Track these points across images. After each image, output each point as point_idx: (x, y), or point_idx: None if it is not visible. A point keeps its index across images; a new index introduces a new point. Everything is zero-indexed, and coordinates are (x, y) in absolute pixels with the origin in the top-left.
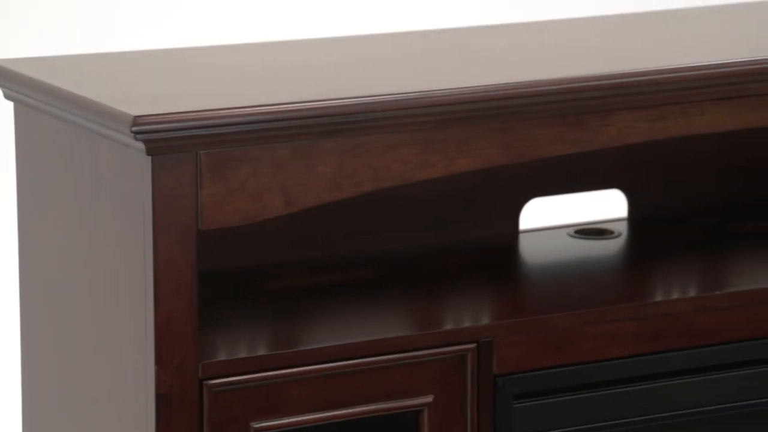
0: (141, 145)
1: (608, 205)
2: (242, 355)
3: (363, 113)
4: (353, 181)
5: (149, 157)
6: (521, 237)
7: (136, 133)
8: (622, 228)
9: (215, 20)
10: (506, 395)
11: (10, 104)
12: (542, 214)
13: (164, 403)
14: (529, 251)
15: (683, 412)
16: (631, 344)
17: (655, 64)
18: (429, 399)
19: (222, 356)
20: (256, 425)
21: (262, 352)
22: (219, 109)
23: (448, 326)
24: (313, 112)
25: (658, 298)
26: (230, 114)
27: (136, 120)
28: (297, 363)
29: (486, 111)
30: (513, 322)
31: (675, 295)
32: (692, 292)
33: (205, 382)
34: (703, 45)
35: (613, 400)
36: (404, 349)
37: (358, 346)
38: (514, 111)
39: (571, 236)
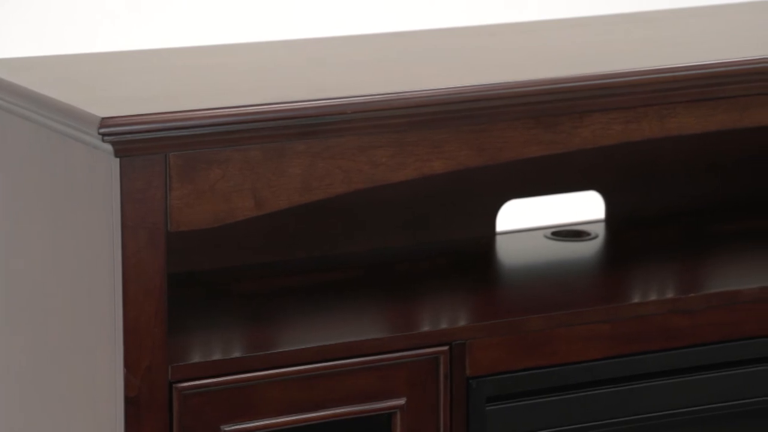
0: (109, 147)
1: (586, 206)
2: (213, 357)
3: (334, 115)
4: (324, 183)
5: (117, 159)
6: (498, 239)
7: (104, 134)
8: (599, 229)
9: (188, 22)
10: (479, 397)
11: None
12: (519, 215)
13: (133, 406)
14: (506, 253)
15: (658, 414)
16: (605, 346)
17: (629, 66)
18: (402, 401)
19: (193, 359)
20: (227, 428)
21: (233, 354)
22: (188, 110)
23: (422, 328)
24: (284, 114)
25: (633, 299)
26: (199, 116)
27: (104, 122)
28: (269, 365)
29: (459, 113)
30: (486, 324)
31: (650, 297)
32: (667, 294)
33: (174, 385)
34: (677, 47)
35: (587, 402)
36: (377, 351)
37: (331, 348)
38: (487, 113)
39: (548, 238)
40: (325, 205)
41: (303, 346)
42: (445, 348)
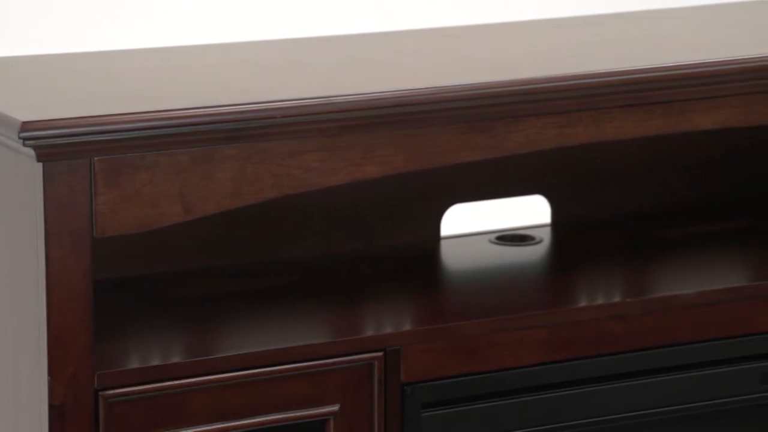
0: (31, 152)
1: (533, 211)
2: (141, 364)
3: (262, 119)
4: (254, 187)
5: (41, 164)
6: (443, 243)
7: (25, 139)
8: (545, 234)
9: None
10: (414, 404)
11: None
12: (465, 220)
13: (57, 414)
14: (450, 258)
15: (594, 419)
16: (541, 352)
17: (564, 70)
18: (335, 408)
19: (120, 366)
20: None
21: (162, 361)
22: (112, 114)
23: (357, 334)
24: (211, 118)
25: (571, 305)
26: (124, 120)
27: (25, 126)
28: (198, 372)
29: (390, 117)
30: (421, 330)
31: (587, 302)
32: (605, 299)
33: (100, 393)
34: (612, 51)
35: (523, 408)
36: (310, 357)
37: (262, 354)
38: (419, 117)
39: (493, 242)
40: (267, 210)
41: (233, 353)
42: (380, 354)
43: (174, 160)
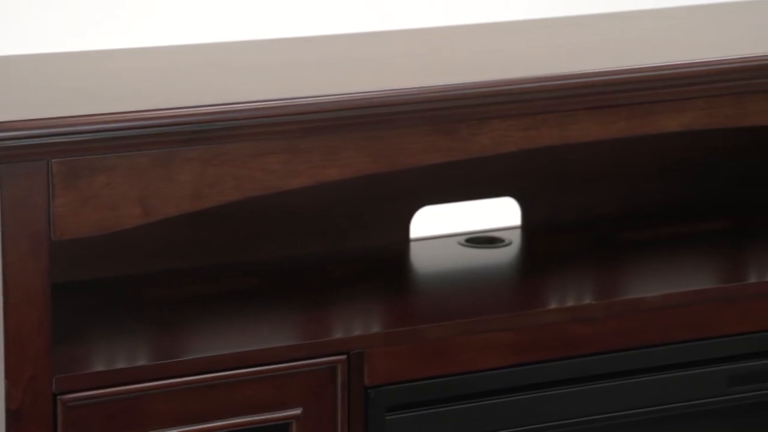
0: None
1: (503, 213)
2: (102, 368)
3: (222, 121)
4: (215, 190)
5: None
6: (412, 245)
7: None
8: (515, 236)
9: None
10: (378, 407)
11: None
12: (435, 222)
13: (14, 419)
14: (419, 260)
15: (560, 422)
16: (506, 354)
17: (527, 72)
18: (298, 411)
19: (80, 369)
20: None
21: (123, 364)
22: (70, 116)
23: (322, 337)
24: (170, 120)
25: (537, 307)
26: (82, 121)
27: None
28: (158, 376)
29: (352, 119)
30: (385, 333)
31: (554, 305)
32: (572, 302)
33: (59, 397)
34: (576, 53)
35: (487, 411)
36: (272, 361)
37: (223, 358)
38: (382, 120)
39: (462, 245)
40: (234, 211)
41: (194, 357)
42: (343, 357)
43: (133, 162)
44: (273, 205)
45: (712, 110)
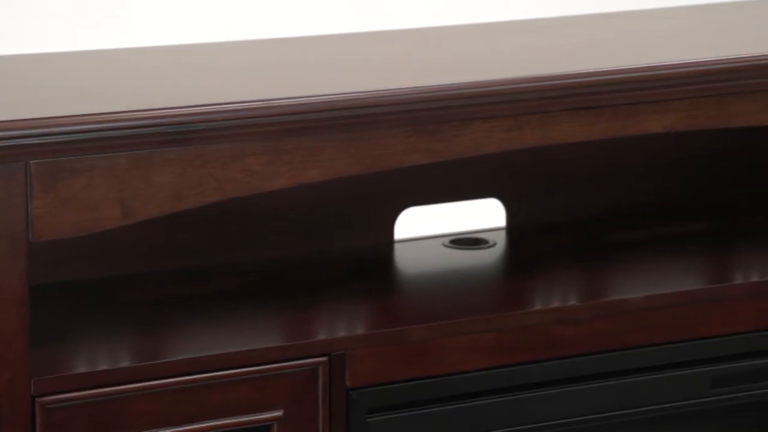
0: None
1: (488, 214)
2: (82, 370)
3: (203, 122)
4: (196, 191)
5: None
6: (396, 247)
7: None
8: (499, 238)
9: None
10: (360, 409)
11: None
12: (421, 223)
13: None
14: (403, 261)
15: (542, 424)
16: (489, 356)
17: (509, 73)
18: (279, 413)
19: (60, 371)
20: None
21: (102, 366)
22: (48, 117)
23: (303, 339)
24: (150, 122)
25: (520, 309)
26: (60, 122)
27: None
28: (138, 378)
29: (333, 121)
30: (367, 335)
31: (537, 306)
32: (555, 303)
33: (37, 400)
34: (558, 55)
35: (470, 412)
36: (253, 362)
37: (204, 360)
38: (363, 121)
39: (446, 246)
40: (217, 212)
41: (175, 358)
42: (324, 359)
43: (113, 163)
44: (257, 206)
45: (694, 111)
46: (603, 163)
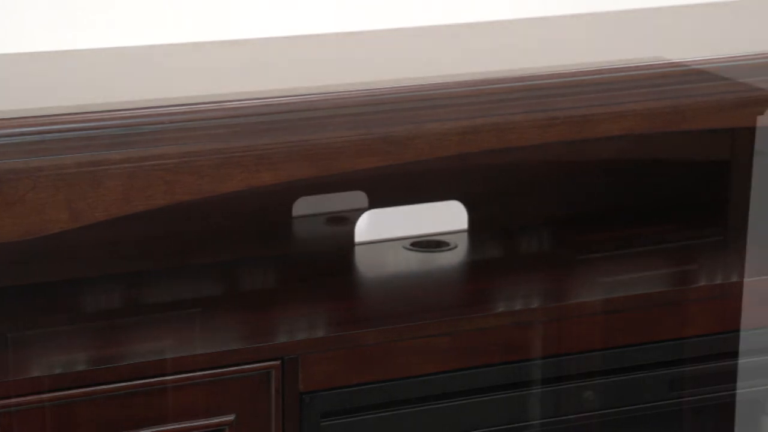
0: None
1: (452, 217)
2: (33, 374)
3: (151, 125)
4: (145, 194)
5: None
6: (357, 249)
7: None
8: (461, 240)
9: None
10: (313, 413)
11: None
12: (381, 225)
13: None
14: (363, 264)
15: (497, 428)
16: (444, 360)
17: (464, 76)
18: (231, 417)
19: (10, 376)
20: None
21: (54, 371)
22: None
23: (256, 342)
24: (96, 124)
25: (476, 312)
26: (4, 125)
27: None
28: (85, 383)
29: (285, 123)
30: (320, 338)
31: (493, 310)
32: (512, 306)
33: None
34: (515, 57)
35: (424, 416)
36: (205, 366)
37: (157, 364)
38: (314, 123)
39: (407, 248)
40: (176, 215)
41: (126, 362)
42: (277, 362)
43: (59, 165)
44: (212, 209)
45: (652, 114)
46: (564, 167)
